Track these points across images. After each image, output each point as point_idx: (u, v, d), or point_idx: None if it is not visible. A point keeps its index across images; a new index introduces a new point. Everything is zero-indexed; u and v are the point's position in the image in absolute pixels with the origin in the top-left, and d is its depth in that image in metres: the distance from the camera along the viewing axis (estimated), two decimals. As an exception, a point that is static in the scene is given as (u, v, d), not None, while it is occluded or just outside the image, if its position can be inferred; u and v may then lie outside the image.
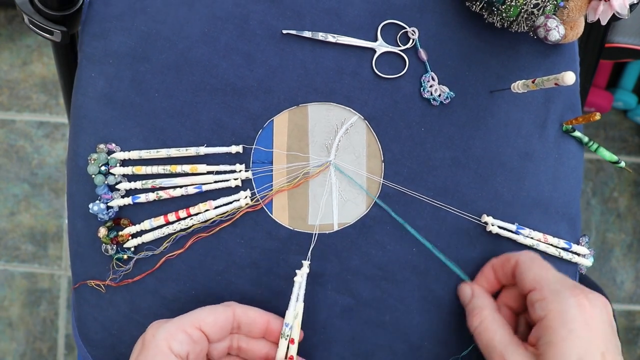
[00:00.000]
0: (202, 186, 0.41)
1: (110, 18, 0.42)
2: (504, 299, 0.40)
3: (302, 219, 0.42)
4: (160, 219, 0.42)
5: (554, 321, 0.33)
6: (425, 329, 0.43)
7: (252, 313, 0.38)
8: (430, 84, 0.42)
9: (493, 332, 0.36)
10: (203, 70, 0.42)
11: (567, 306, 0.33)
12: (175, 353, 0.34)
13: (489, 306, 0.39)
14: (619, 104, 1.11)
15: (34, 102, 1.16)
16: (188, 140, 0.42)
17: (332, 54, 0.42)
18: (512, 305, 0.40)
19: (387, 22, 0.42)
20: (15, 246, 1.14)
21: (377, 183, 0.43)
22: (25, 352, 1.14)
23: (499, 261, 0.41)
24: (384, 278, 0.42)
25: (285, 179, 0.42)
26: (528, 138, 0.43)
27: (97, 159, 0.42)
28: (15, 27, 1.18)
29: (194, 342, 0.35)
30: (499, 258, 0.41)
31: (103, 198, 0.42)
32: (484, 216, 0.42)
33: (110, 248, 0.42)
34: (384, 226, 0.42)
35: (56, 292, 1.14)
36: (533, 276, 0.37)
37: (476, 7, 0.41)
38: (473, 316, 0.38)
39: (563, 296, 0.34)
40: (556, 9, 0.39)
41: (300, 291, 0.40)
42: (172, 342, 0.34)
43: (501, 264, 0.40)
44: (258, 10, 0.42)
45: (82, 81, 0.42)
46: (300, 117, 0.42)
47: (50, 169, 1.15)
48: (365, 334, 0.43)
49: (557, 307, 0.34)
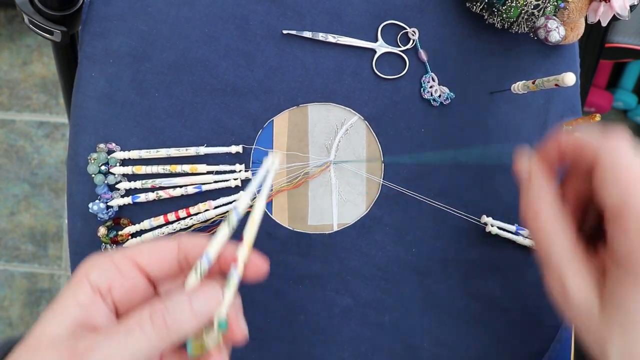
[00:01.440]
0: (202, 186, 0.41)
1: (111, 18, 0.42)
2: (573, 183, 0.31)
3: (302, 219, 0.42)
4: (160, 218, 0.41)
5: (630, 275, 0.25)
6: (424, 330, 0.43)
7: (200, 241, 0.29)
8: (430, 85, 0.42)
9: (551, 239, 0.29)
10: (203, 70, 0.42)
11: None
12: (93, 283, 0.27)
13: (547, 197, 0.30)
14: (619, 104, 1.11)
15: (34, 102, 1.16)
16: (188, 140, 0.42)
17: (332, 54, 0.42)
18: (581, 189, 0.30)
19: (387, 23, 0.42)
20: (15, 246, 1.14)
21: (377, 183, 0.42)
22: (24, 352, 1.14)
23: (571, 146, 0.30)
24: (383, 278, 0.42)
25: (285, 179, 0.42)
26: (528, 139, 0.43)
27: (97, 158, 0.42)
28: (15, 27, 1.18)
29: (120, 275, 0.28)
30: (571, 141, 0.30)
31: (103, 197, 0.42)
32: (484, 217, 0.42)
33: (110, 247, 0.42)
34: (384, 227, 0.42)
35: (56, 292, 1.14)
36: (618, 195, 0.26)
37: (476, 8, 0.41)
38: (527, 208, 0.30)
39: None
40: (556, 10, 0.39)
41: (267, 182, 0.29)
42: (91, 271, 0.27)
43: (574, 151, 0.30)
44: (258, 10, 0.42)
45: (82, 81, 0.42)
46: (300, 117, 0.42)
47: (50, 169, 1.15)
48: (364, 334, 0.43)
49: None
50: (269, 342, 0.42)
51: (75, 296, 0.27)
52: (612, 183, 0.26)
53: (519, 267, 0.43)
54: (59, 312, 0.26)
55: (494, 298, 0.42)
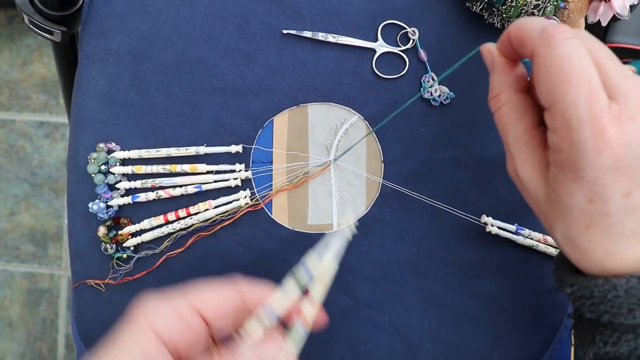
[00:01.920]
0: (202, 186, 0.41)
1: (111, 17, 0.42)
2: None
3: (302, 219, 0.42)
4: (159, 218, 0.42)
5: (565, 166, 0.26)
6: (424, 329, 0.43)
7: (261, 290, 0.29)
8: (430, 85, 0.42)
9: (508, 125, 0.29)
10: (203, 69, 0.42)
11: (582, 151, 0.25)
12: (156, 330, 0.26)
13: (509, 87, 0.30)
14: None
15: (34, 102, 1.16)
16: (188, 140, 0.42)
17: (332, 54, 0.42)
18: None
19: (387, 22, 0.42)
20: (15, 246, 1.14)
21: (377, 183, 0.42)
22: (25, 352, 1.14)
23: (517, 38, 0.28)
24: (383, 278, 0.42)
25: (285, 179, 0.42)
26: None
27: (97, 158, 0.42)
28: (15, 27, 1.18)
29: (182, 321, 0.27)
30: (517, 33, 0.28)
31: (103, 197, 0.42)
32: (484, 217, 0.42)
33: (109, 247, 0.42)
34: (384, 226, 0.42)
35: (56, 292, 1.14)
36: (548, 90, 0.26)
37: (476, 7, 0.41)
38: (491, 98, 0.31)
39: (579, 138, 0.25)
40: (556, 10, 0.39)
41: (341, 250, 0.31)
42: (154, 318, 0.26)
43: (515, 41, 0.29)
44: (258, 10, 0.42)
45: (82, 80, 0.42)
46: (300, 117, 0.42)
47: (50, 169, 1.15)
48: (364, 334, 0.43)
49: (571, 151, 0.25)
50: (268, 342, 0.42)
51: (139, 344, 0.26)
52: (544, 78, 0.26)
53: (519, 267, 0.43)
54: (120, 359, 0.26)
55: (494, 298, 0.42)
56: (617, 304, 0.27)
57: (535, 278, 0.42)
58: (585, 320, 0.29)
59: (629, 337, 0.27)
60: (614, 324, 0.28)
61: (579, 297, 0.29)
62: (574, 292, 0.29)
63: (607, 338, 0.28)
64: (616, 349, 0.28)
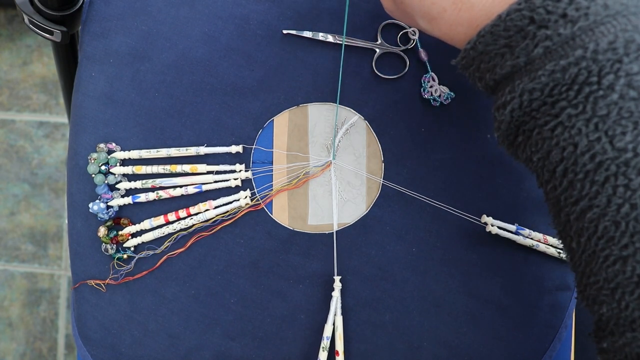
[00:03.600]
0: (202, 186, 0.41)
1: (111, 17, 0.42)
2: None
3: (302, 219, 0.42)
4: (160, 218, 0.42)
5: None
6: (424, 329, 0.43)
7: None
8: (430, 85, 0.42)
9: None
10: (203, 70, 0.42)
11: None
12: None
13: None
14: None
15: (34, 102, 1.16)
16: (188, 140, 0.42)
17: (332, 54, 0.42)
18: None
19: (387, 23, 0.42)
20: (15, 246, 1.14)
21: (377, 183, 0.43)
22: (25, 352, 1.14)
23: None
24: (383, 278, 0.42)
25: (285, 179, 0.42)
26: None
27: (97, 158, 0.42)
28: (15, 27, 1.18)
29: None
30: None
31: (103, 197, 0.42)
32: (484, 217, 0.42)
33: (110, 247, 0.42)
34: (384, 226, 0.42)
35: (56, 292, 1.14)
36: None
37: (476, 7, 0.41)
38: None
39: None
40: None
41: (338, 305, 0.41)
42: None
43: None
44: (259, 10, 0.42)
45: (82, 81, 0.42)
46: (300, 117, 0.42)
47: (50, 169, 1.15)
48: (364, 334, 0.43)
49: None
50: (269, 342, 0.42)
51: None
52: None
53: (519, 267, 0.43)
54: None
55: (494, 298, 0.42)
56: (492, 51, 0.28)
57: (535, 278, 0.43)
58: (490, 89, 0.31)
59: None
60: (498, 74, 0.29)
61: (470, 65, 0.31)
62: (464, 65, 0.32)
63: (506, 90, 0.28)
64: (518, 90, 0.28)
